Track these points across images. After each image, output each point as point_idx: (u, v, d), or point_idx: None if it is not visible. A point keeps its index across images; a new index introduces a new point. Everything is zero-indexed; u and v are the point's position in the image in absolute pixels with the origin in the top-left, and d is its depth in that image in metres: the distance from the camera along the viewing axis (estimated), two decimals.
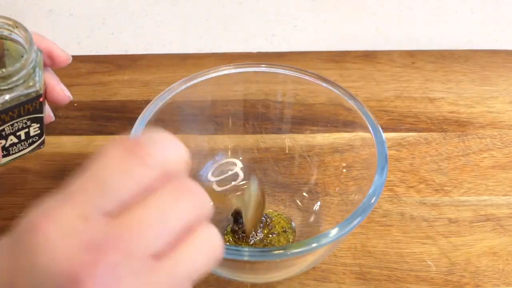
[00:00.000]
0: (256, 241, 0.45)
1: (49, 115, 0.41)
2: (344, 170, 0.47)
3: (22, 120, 0.36)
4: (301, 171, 0.50)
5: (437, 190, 0.52)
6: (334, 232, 0.36)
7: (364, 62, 0.67)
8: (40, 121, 0.37)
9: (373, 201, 0.38)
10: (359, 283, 0.44)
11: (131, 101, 0.61)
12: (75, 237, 0.21)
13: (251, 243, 0.45)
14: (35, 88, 0.35)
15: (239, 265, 0.39)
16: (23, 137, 0.37)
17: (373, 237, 0.48)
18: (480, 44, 0.70)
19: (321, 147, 0.49)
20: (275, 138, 0.51)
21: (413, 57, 0.67)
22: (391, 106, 0.61)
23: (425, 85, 0.63)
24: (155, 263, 0.22)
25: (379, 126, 0.42)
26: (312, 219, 0.48)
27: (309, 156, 0.50)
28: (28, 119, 0.36)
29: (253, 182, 0.43)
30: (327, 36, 0.69)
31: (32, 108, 0.36)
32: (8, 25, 0.35)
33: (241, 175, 0.51)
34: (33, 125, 0.37)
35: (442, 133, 0.57)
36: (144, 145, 0.23)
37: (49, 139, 0.56)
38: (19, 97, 0.35)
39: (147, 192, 0.23)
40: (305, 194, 0.49)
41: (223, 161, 0.51)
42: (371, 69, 0.65)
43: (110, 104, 0.61)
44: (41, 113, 0.37)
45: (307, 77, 0.46)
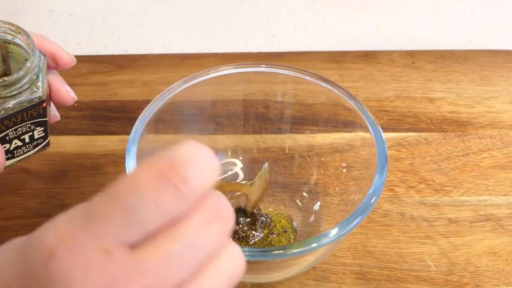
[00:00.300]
0: (256, 241, 0.45)
1: (55, 115, 0.41)
2: (344, 170, 0.47)
3: (26, 124, 0.36)
4: (301, 171, 0.50)
5: (437, 190, 0.52)
6: (334, 232, 0.36)
7: (364, 62, 0.67)
8: (44, 124, 0.38)
9: (373, 201, 0.38)
10: (359, 283, 0.44)
11: (131, 101, 0.61)
12: (96, 273, 0.20)
13: (251, 243, 0.45)
14: (38, 94, 0.35)
15: None
16: (27, 140, 0.38)
17: (373, 237, 0.48)
18: (480, 44, 0.70)
19: (321, 147, 0.49)
20: (275, 138, 0.51)
21: (413, 57, 0.67)
22: (391, 106, 0.61)
23: (425, 85, 0.63)
24: None
25: (379, 126, 0.42)
26: (312, 219, 0.48)
27: (309, 156, 0.50)
28: (32, 124, 0.37)
29: (264, 171, 0.45)
30: (327, 36, 0.69)
31: (35, 113, 0.36)
32: (11, 30, 0.36)
33: (241, 175, 0.51)
34: (37, 128, 0.37)
35: (442, 133, 0.57)
36: (179, 169, 0.21)
37: (50, 139, 0.56)
38: (22, 104, 0.35)
39: (176, 220, 0.21)
40: (305, 194, 0.49)
41: (223, 161, 0.51)
42: (371, 69, 0.65)
43: (110, 104, 0.61)
44: (45, 117, 0.37)
45: (307, 77, 0.46)
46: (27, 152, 0.39)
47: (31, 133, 0.37)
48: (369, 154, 0.42)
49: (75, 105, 0.60)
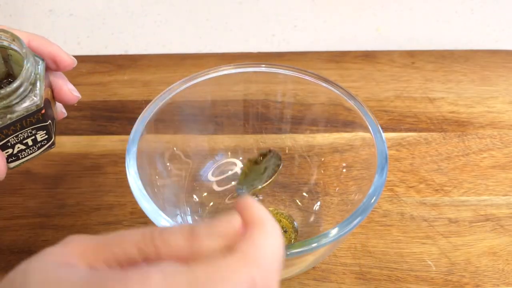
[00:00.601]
0: None
1: (61, 112, 0.41)
2: (344, 170, 0.47)
3: (26, 130, 0.36)
4: (301, 171, 0.50)
5: (437, 190, 0.52)
6: (334, 232, 0.36)
7: (364, 62, 0.67)
8: (46, 128, 0.38)
9: (373, 201, 0.38)
10: (359, 283, 0.44)
11: (131, 101, 0.61)
12: None
13: None
14: (35, 102, 0.35)
15: None
16: (30, 143, 0.38)
17: (373, 237, 0.48)
18: (480, 44, 0.70)
19: (321, 147, 0.49)
20: (275, 138, 0.51)
21: (413, 57, 0.67)
22: (391, 106, 0.61)
23: (425, 85, 0.63)
24: None
25: (379, 126, 0.42)
26: (312, 219, 0.48)
27: (309, 156, 0.50)
28: (32, 129, 0.37)
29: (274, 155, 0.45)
30: (327, 36, 0.69)
31: (34, 119, 0.36)
32: (6, 37, 0.36)
33: None
34: (39, 132, 0.37)
35: (442, 133, 0.57)
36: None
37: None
38: (19, 113, 0.35)
39: None
40: (305, 194, 0.49)
41: (223, 161, 0.51)
42: (371, 69, 0.66)
43: (110, 104, 0.61)
44: (46, 121, 0.37)
45: (307, 77, 0.46)
46: (32, 153, 0.39)
47: (33, 137, 0.37)
48: (369, 154, 0.42)
49: (75, 105, 0.61)
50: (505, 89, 0.63)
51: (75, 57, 0.39)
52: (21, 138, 0.37)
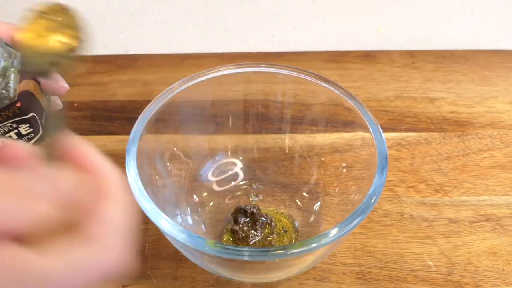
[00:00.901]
0: (256, 241, 0.45)
1: (63, 86, 0.39)
2: (344, 170, 0.47)
3: (5, 124, 0.35)
4: (301, 171, 0.50)
5: (437, 190, 0.52)
6: (334, 232, 0.36)
7: (364, 62, 0.67)
8: (28, 121, 0.37)
9: (373, 201, 0.38)
10: (359, 283, 0.44)
11: (131, 101, 0.61)
12: None
13: (251, 243, 0.45)
14: (5, 95, 0.34)
15: (239, 265, 0.39)
16: (15, 137, 0.37)
17: (373, 237, 0.48)
18: (480, 44, 0.70)
19: (321, 147, 0.49)
20: (275, 138, 0.51)
21: (413, 57, 0.67)
22: (391, 106, 0.61)
23: (425, 85, 0.63)
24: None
25: (379, 126, 0.42)
26: (312, 219, 0.48)
27: (309, 156, 0.50)
28: (12, 123, 0.36)
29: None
30: (327, 36, 0.69)
31: (11, 113, 0.35)
32: None
33: (241, 175, 0.51)
34: (21, 125, 0.36)
35: (442, 133, 0.57)
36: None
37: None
38: None
39: None
40: (305, 194, 0.49)
41: (223, 161, 0.51)
42: (371, 69, 0.66)
43: (110, 104, 0.61)
44: (25, 115, 0.36)
45: (307, 77, 0.46)
46: None
47: (15, 131, 0.36)
48: (369, 154, 0.42)
49: (75, 105, 0.61)
50: (505, 89, 0.63)
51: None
52: (2, 132, 0.36)
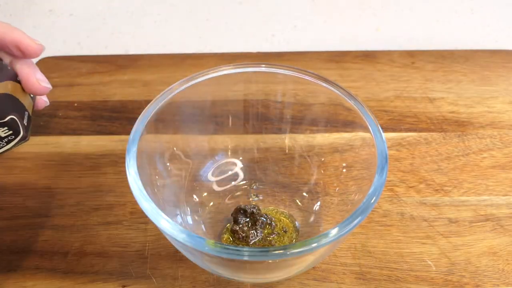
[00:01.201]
0: (256, 241, 0.45)
1: (43, 100, 0.39)
2: (344, 170, 0.47)
3: None
4: (301, 171, 0.50)
5: (437, 190, 0.52)
6: (334, 232, 0.36)
7: (364, 62, 0.67)
8: (6, 124, 0.36)
9: (373, 201, 0.37)
10: (359, 283, 0.44)
11: (131, 101, 0.61)
12: None
13: (251, 243, 0.45)
14: None
15: (239, 265, 0.39)
16: None
17: (373, 237, 0.48)
18: (480, 44, 0.70)
19: (321, 147, 0.49)
20: (275, 138, 0.51)
21: (413, 57, 0.67)
22: (391, 106, 0.61)
23: (425, 85, 0.63)
24: None
25: (379, 126, 0.42)
26: (312, 219, 0.48)
27: (309, 156, 0.50)
28: None
29: None
30: (327, 36, 0.69)
31: None
32: None
33: (241, 175, 0.51)
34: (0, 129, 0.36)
35: (442, 133, 0.57)
36: None
37: (49, 139, 0.56)
38: None
39: None
40: (305, 194, 0.49)
41: (223, 161, 0.51)
42: (371, 69, 0.66)
43: (110, 104, 0.61)
44: (2, 119, 0.35)
45: (307, 77, 0.46)
46: (0, 148, 0.37)
47: None
48: (369, 154, 0.42)
49: (75, 105, 0.61)
50: (505, 89, 0.63)
51: (75, 57, 0.39)
52: None
